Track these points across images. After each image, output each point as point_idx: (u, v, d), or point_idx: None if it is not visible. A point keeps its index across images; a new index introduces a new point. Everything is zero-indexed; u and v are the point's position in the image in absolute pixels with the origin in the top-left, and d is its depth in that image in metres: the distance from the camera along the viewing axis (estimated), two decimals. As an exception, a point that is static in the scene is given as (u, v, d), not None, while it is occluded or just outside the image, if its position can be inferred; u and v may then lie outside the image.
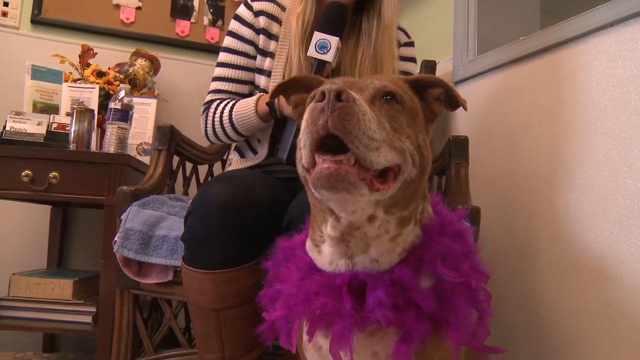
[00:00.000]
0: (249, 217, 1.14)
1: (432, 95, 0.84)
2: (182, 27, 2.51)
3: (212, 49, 2.43)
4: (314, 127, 0.63)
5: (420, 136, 0.75)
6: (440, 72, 2.02)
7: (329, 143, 0.64)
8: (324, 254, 0.77)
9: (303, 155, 0.67)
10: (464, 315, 0.73)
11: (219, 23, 2.57)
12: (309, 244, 0.81)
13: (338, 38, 1.32)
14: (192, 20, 2.53)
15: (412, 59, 1.62)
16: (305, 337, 0.79)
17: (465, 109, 0.85)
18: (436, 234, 0.78)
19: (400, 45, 1.59)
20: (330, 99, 0.63)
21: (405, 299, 0.72)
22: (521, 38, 1.67)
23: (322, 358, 0.79)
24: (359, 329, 0.72)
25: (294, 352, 0.79)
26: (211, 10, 2.57)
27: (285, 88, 0.91)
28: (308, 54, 1.34)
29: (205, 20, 2.56)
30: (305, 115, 0.65)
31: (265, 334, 0.85)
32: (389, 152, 0.66)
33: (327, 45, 1.31)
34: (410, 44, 1.63)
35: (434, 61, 2.01)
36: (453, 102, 0.84)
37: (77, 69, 2.13)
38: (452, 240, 0.78)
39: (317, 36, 1.32)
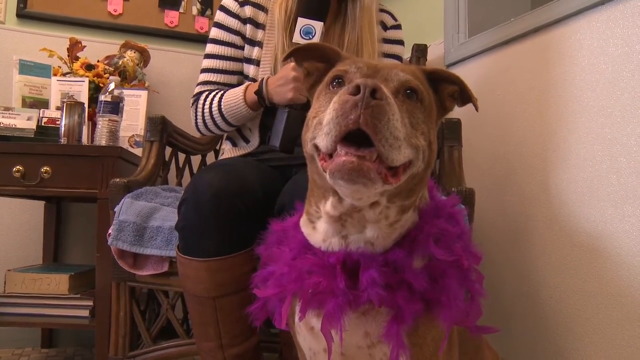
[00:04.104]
0: (242, 204, 1.14)
1: (447, 92, 0.84)
2: (171, 18, 2.49)
3: (202, 39, 2.38)
4: (344, 119, 0.63)
5: (432, 132, 0.75)
6: (432, 55, 2.01)
7: (352, 132, 0.64)
8: (319, 230, 0.77)
9: (323, 140, 0.66)
10: (456, 295, 0.74)
11: (208, 12, 2.54)
12: (303, 219, 0.81)
13: (322, 23, 1.32)
14: (181, 10, 2.51)
15: (400, 42, 1.61)
16: (297, 319, 0.79)
17: (477, 109, 0.85)
18: (431, 217, 0.79)
19: (387, 28, 1.58)
20: (365, 96, 0.62)
21: (397, 279, 0.72)
22: (512, 19, 1.66)
23: (314, 338, 0.79)
24: (351, 308, 0.72)
25: (283, 329, 0.79)
26: (199, -1, 2.55)
27: (300, 54, 0.89)
28: (293, 40, 1.34)
29: (194, 10, 2.53)
30: (335, 105, 0.65)
31: (256, 313, 0.85)
32: (407, 149, 0.67)
33: (312, 31, 1.31)
34: (397, 27, 1.61)
35: (425, 45, 2.00)
36: (465, 99, 0.85)
37: (65, 62, 2.11)
38: (447, 222, 0.79)
39: (302, 22, 1.32)
